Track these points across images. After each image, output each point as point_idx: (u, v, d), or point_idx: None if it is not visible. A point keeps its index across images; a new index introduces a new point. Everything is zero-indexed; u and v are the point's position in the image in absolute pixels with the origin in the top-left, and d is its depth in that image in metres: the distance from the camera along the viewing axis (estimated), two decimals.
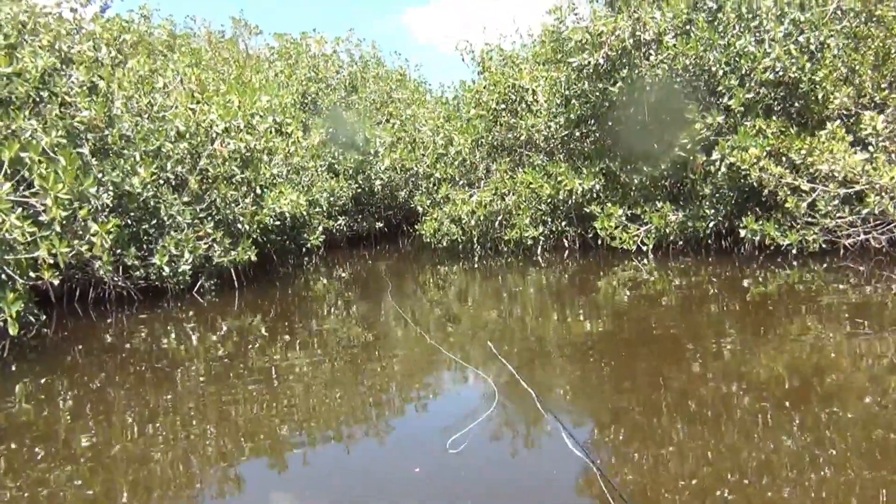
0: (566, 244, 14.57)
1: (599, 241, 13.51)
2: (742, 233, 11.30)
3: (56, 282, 7.27)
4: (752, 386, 5.63)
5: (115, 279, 10.18)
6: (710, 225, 12.18)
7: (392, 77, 22.89)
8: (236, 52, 22.25)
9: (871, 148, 9.78)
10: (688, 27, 11.79)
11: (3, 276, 6.82)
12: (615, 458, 4.50)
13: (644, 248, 12.77)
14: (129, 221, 10.12)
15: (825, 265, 10.58)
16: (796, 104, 11.49)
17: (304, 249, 15.72)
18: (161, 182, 10.50)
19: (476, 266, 13.90)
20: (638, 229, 12.83)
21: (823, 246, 10.75)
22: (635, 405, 5.41)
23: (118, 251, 9.58)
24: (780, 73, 10.81)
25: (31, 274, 7.11)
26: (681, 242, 12.87)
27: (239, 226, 11.33)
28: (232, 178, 11.35)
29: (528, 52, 17.15)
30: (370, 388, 6.45)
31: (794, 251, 10.96)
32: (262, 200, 11.75)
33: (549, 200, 13.90)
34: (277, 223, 12.52)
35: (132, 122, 10.32)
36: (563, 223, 14.44)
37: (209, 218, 11.00)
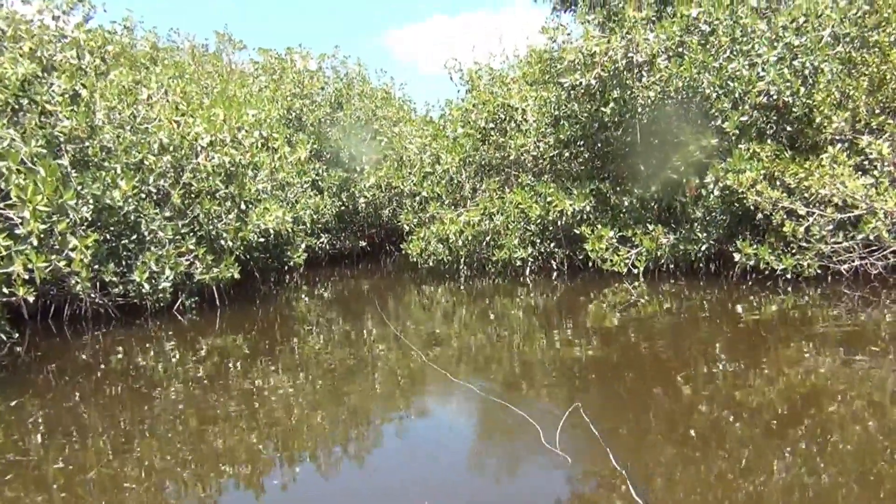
0: (554, 266, 14.39)
1: (590, 263, 13.34)
2: (737, 257, 11.19)
3: (31, 298, 6.94)
4: (745, 413, 5.50)
5: (93, 296, 9.82)
6: (703, 248, 12.07)
7: (377, 95, 22.72)
8: (220, 66, 21.96)
9: (876, 172, 9.72)
10: (680, 49, 11.75)
11: None
12: (601, 487, 4.39)
13: (635, 271, 12.62)
14: (109, 236, 9.79)
15: (819, 291, 10.49)
16: (787, 128, 11.45)
17: (286, 267, 15.41)
18: (142, 196, 10.18)
19: (462, 287, 13.66)
20: (629, 251, 12.69)
21: (818, 271, 10.66)
22: (625, 431, 5.30)
23: (96, 267, 9.24)
24: (774, 97, 10.77)
25: (5, 290, 6.78)
26: (671, 265, 12.75)
27: (222, 242, 11.02)
28: (216, 193, 11.06)
29: (517, 71, 17.08)
30: (356, 410, 6.22)
31: (788, 276, 10.87)
32: (247, 216, 11.46)
33: (538, 221, 13.74)
34: (262, 240, 12.22)
35: (114, 133, 10.01)
36: (552, 244, 14.28)
37: (191, 234, 10.69)
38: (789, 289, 10.73)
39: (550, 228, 14.10)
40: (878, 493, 4.08)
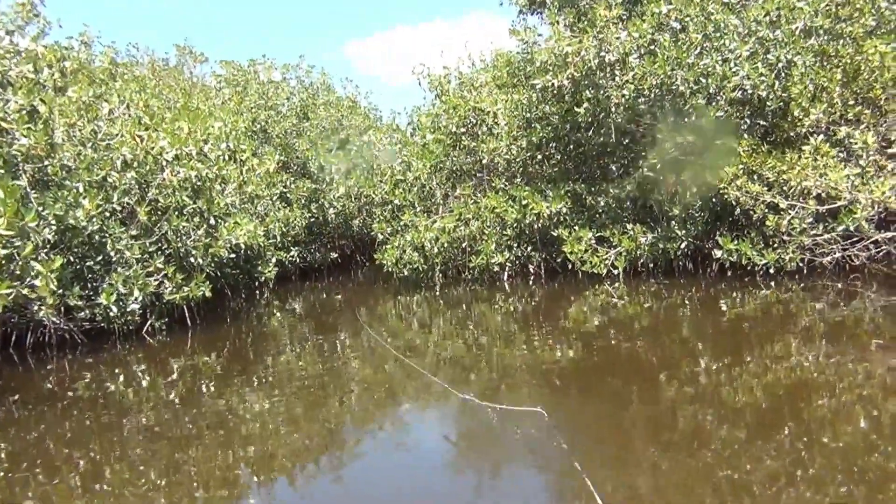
0: (532, 270, 14.23)
1: (570, 266, 13.18)
2: (717, 253, 11.13)
3: None
4: (733, 413, 5.47)
5: (57, 321, 9.39)
6: (682, 246, 11.99)
7: (343, 104, 22.47)
8: (182, 80, 21.53)
9: (862, 162, 9.70)
10: (652, 47, 11.66)
11: None
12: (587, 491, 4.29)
13: (615, 272, 12.51)
14: (73, 258, 9.37)
15: (802, 284, 10.46)
16: (762, 123, 11.42)
17: (256, 283, 15.05)
18: (107, 214, 9.77)
19: (438, 295, 13.43)
20: (607, 252, 12.56)
21: (799, 264, 10.64)
22: (614, 433, 5.28)
23: (60, 291, 8.83)
24: (749, 92, 10.73)
25: None
26: (651, 265, 12.64)
27: (192, 259, 10.66)
28: (184, 209, 10.69)
29: (487, 75, 16.95)
30: (334, 427, 6.06)
31: (771, 270, 10.84)
32: (217, 232, 11.09)
33: (514, 225, 13.56)
34: (232, 256, 11.85)
35: (75, 150, 9.61)
36: (529, 248, 14.11)
37: (159, 252, 10.29)
38: (772, 283, 10.69)
39: (527, 232, 13.94)
40: (869, 484, 4.09)
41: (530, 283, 13.66)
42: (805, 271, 10.90)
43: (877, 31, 10.73)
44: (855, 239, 10.20)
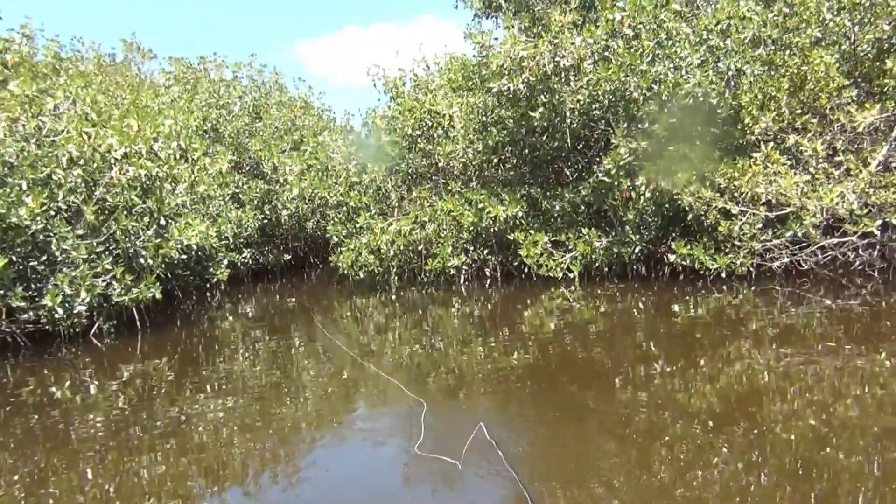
0: (488, 273, 14.24)
1: (525, 269, 13.24)
2: (671, 258, 11.30)
3: None
4: (690, 412, 5.57)
5: None
6: (636, 250, 12.14)
7: (296, 104, 22.23)
8: (130, 76, 20.97)
9: (811, 169, 9.97)
10: (606, 53, 11.80)
11: None
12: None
13: (571, 275, 12.61)
14: (15, 258, 9.02)
15: (753, 288, 10.69)
16: (713, 130, 11.65)
17: (207, 285, 14.73)
18: (52, 213, 9.44)
19: (394, 298, 13.34)
20: (563, 256, 12.65)
21: (750, 269, 10.87)
22: (566, 436, 5.32)
23: (2, 291, 8.49)
24: (701, 99, 10.94)
25: None
26: (606, 268, 12.77)
27: (141, 260, 10.36)
28: (133, 209, 10.39)
29: (441, 78, 16.91)
30: (289, 434, 5.92)
31: (722, 274, 11.05)
32: (167, 232, 10.81)
33: (471, 228, 13.55)
34: (183, 257, 11.56)
35: (17, 146, 9.27)
36: (485, 251, 14.12)
37: (107, 252, 9.99)
38: (724, 287, 10.91)
39: (483, 235, 13.95)
40: (818, 483, 4.20)
41: (486, 286, 13.68)
42: (755, 275, 11.16)
43: (822, 42, 11.03)
44: (803, 244, 10.47)
